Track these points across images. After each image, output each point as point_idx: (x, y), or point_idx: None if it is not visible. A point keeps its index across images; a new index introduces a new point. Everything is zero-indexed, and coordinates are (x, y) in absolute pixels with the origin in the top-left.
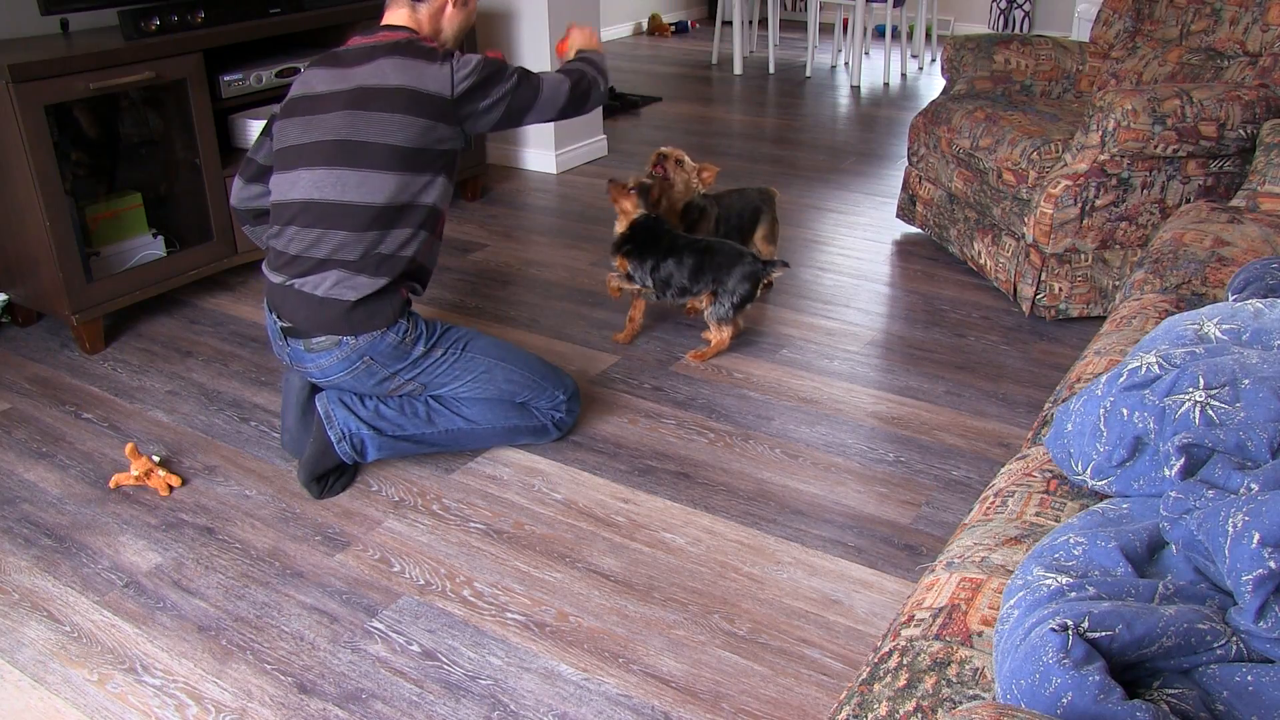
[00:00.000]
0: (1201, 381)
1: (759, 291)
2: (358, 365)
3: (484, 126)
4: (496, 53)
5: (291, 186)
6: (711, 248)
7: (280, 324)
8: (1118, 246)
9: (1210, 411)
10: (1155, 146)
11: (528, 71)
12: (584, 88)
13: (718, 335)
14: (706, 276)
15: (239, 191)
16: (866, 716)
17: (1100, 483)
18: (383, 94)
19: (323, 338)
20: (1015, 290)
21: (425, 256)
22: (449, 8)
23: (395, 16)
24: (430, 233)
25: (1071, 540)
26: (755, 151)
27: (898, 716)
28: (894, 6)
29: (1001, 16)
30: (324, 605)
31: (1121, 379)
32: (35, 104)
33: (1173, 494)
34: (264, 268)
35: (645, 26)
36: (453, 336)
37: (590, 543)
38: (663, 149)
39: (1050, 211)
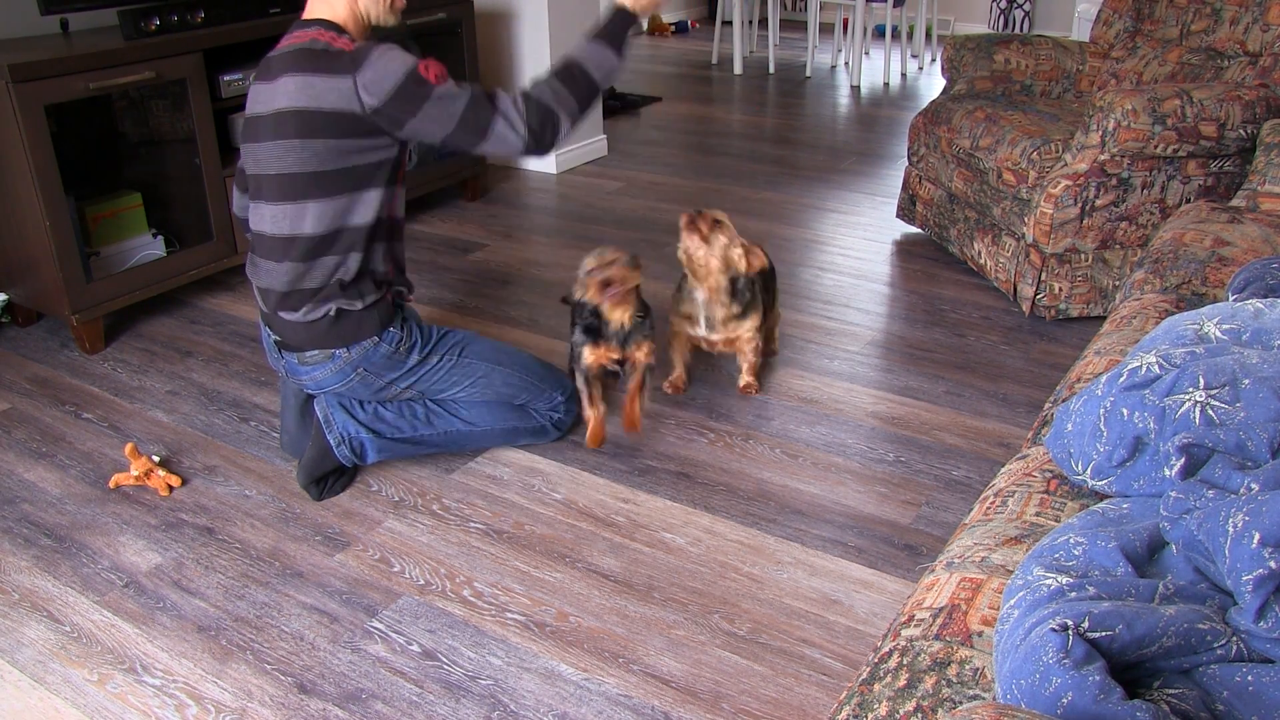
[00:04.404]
0: (1201, 381)
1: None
2: (351, 377)
3: (428, 138)
4: (433, 64)
5: (259, 219)
6: None
7: (273, 337)
8: (1118, 246)
9: (1210, 411)
10: (1155, 146)
11: (453, 91)
12: (544, 130)
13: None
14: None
15: (238, 200)
16: (866, 716)
17: (1100, 483)
18: (290, 119)
19: (315, 352)
20: (1015, 290)
21: (388, 261)
22: None
23: (312, 5)
24: (386, 242)
25: (1071, 540)
26: (755, 151)
27: (898, 716)
28: (894, 6)
29: (1001, 16)
30: (324, 605)
31: (1121, 379)
32: (35, 104)
33: (1173, 494)
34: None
35: (645, 26)
36: (449, 342)
37: (590, 543)
38: (715, 215)
39: (1050, 211)
